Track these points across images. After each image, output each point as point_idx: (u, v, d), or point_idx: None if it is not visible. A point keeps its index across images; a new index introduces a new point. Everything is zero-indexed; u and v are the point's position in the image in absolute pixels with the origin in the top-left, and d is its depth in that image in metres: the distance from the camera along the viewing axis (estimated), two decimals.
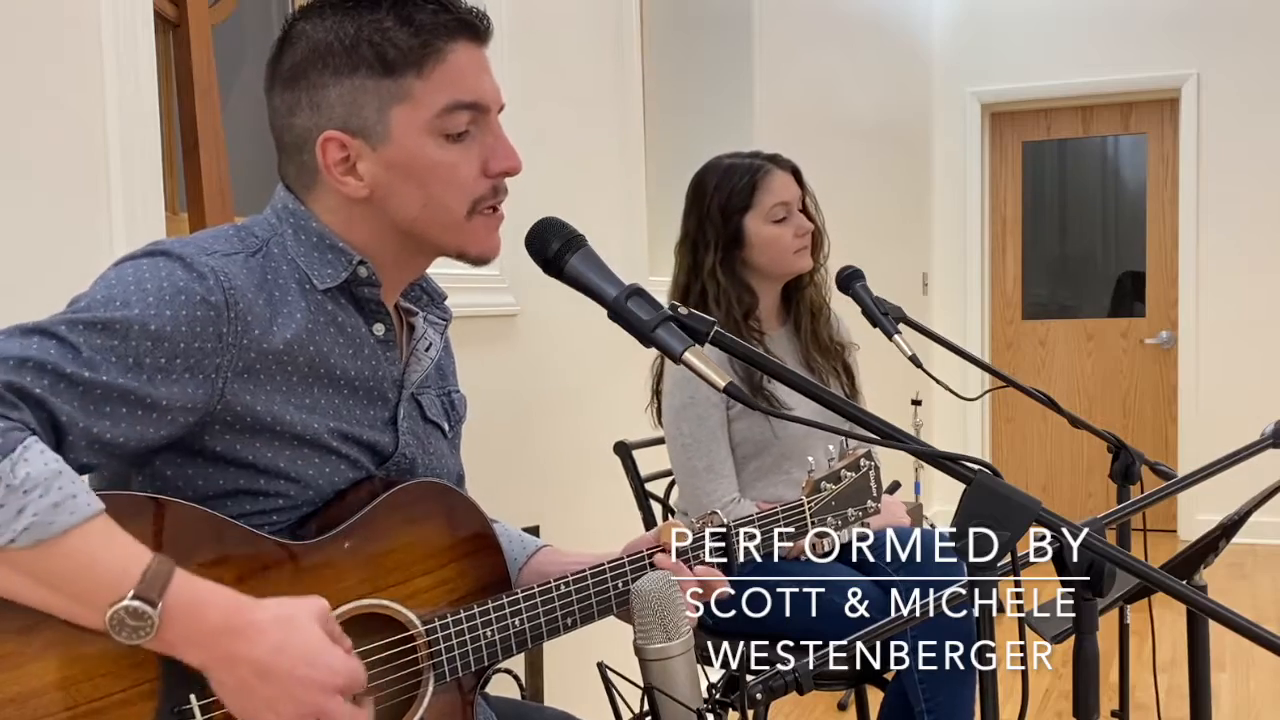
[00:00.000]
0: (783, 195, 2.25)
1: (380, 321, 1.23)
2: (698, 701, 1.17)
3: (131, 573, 0.97)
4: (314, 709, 1.03)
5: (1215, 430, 5.51)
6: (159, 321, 1.05)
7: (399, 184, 1.19)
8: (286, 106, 1.20)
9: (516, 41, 2.52)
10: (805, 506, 1.52)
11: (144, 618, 0.96)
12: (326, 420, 1.17)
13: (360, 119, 1.17)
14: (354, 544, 1.16)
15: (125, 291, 1.06)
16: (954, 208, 6.02)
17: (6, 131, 1.51)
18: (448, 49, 1.18)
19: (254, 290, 1.13)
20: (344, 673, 1.05)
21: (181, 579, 0.99)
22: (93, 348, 1.02)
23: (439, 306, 1.36)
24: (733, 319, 2.23)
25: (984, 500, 0.99)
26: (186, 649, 1.01)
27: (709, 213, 2.26)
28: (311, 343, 1.16)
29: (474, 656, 1.20)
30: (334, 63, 1.17)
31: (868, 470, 1.56)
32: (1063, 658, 1.27)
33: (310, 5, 1.21)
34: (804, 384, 1.14)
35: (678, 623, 1.18)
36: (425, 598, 1.19)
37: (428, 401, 1.33)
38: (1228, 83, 5.50)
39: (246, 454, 1.13)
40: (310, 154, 1.19)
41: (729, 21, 3.79)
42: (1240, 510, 1.56)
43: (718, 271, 2.24)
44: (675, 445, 2.21)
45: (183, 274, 1.08)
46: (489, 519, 1.30)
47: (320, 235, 1.20)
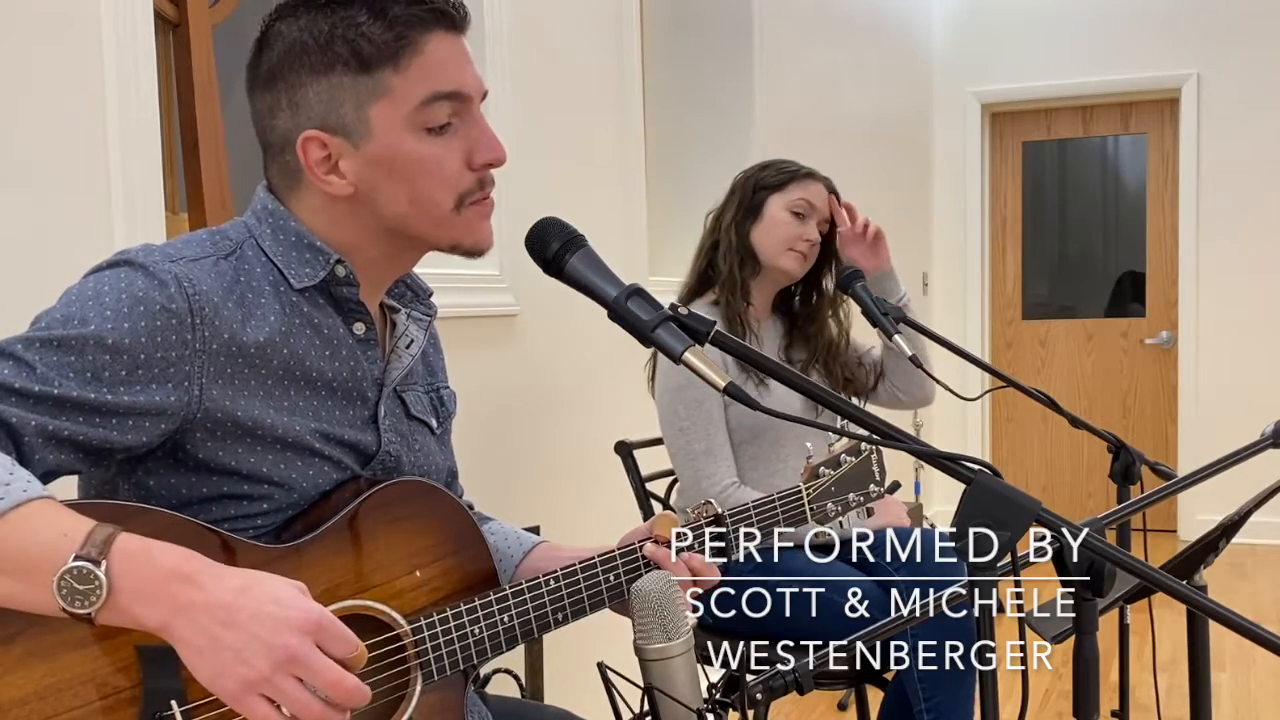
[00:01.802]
0: (812, 198, 2.34)
1: (360, 321, 1.22)
2: (698, 701, 1.17)
3: (73, 538, 0.94)
4: (286, 652, 0.94)
5: (1215, 430, 5.51)
6: (116, 335, 1.04)
7: (383, 181, 1.17)
8: (266, 108, 1.19)
9: (516, 41, 2.52)
10: (804, 493, 1.50)
11: (90, 579, 0.92)
12: (308, 422, 1.16)
13: (339, 117, 1.16)
14: (337, 545, 1.15)
15: (83, 308, 1.05)
16: (954, 208, 6.02)
17: (6, 131, 1.51)
18: (424, 40, 1.16)
19: (222, 293, 1.12)
20: (317, 613, 0.97)
21: (127, 537, 0.95)
22: (48, 365, 1.02)
23: (423, 302, 1.34)
24: (733, 279, 2.30)
25: (984, 500, 0.99)
26: (142, 608, 0.94)
27: (746, 182, 2.39)
28: (285, 345, 1.15)
29: (462, 655, 1.19)
30: (310, 61, 1.16)
31: (869, 455, 1.54)
32: (1063, 658, 1.27)
33: (285, 4, 1.19)
34: (805, 384, 1.14)
35: (678, 623, 1.18)
36: (411, 597, 1.18)
37: (413, 398, 1.32)
38: (1228, 83, 5.50)
39: (229, 460, 1.12)
40: (292, 155, 1.18)
41: (729, 21, 3.78)
42: (1240, 510, 1.56)
43: (732, 230, 2.33)
44: (672, 429, 2.22)
45: (143, 283, 1.07)
46: (474, 516, 1.29)
47: (298, 235, 1.19)
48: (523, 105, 2.54)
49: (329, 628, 0.98)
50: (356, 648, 0.99)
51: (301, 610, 0.96)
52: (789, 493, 1.49)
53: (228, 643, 0.94)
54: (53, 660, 0.98)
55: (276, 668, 0.95)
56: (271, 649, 0.94)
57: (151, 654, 1.01)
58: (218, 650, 0.94)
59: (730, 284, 2.30)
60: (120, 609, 0.94)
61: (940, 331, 2.29)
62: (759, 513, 1.45)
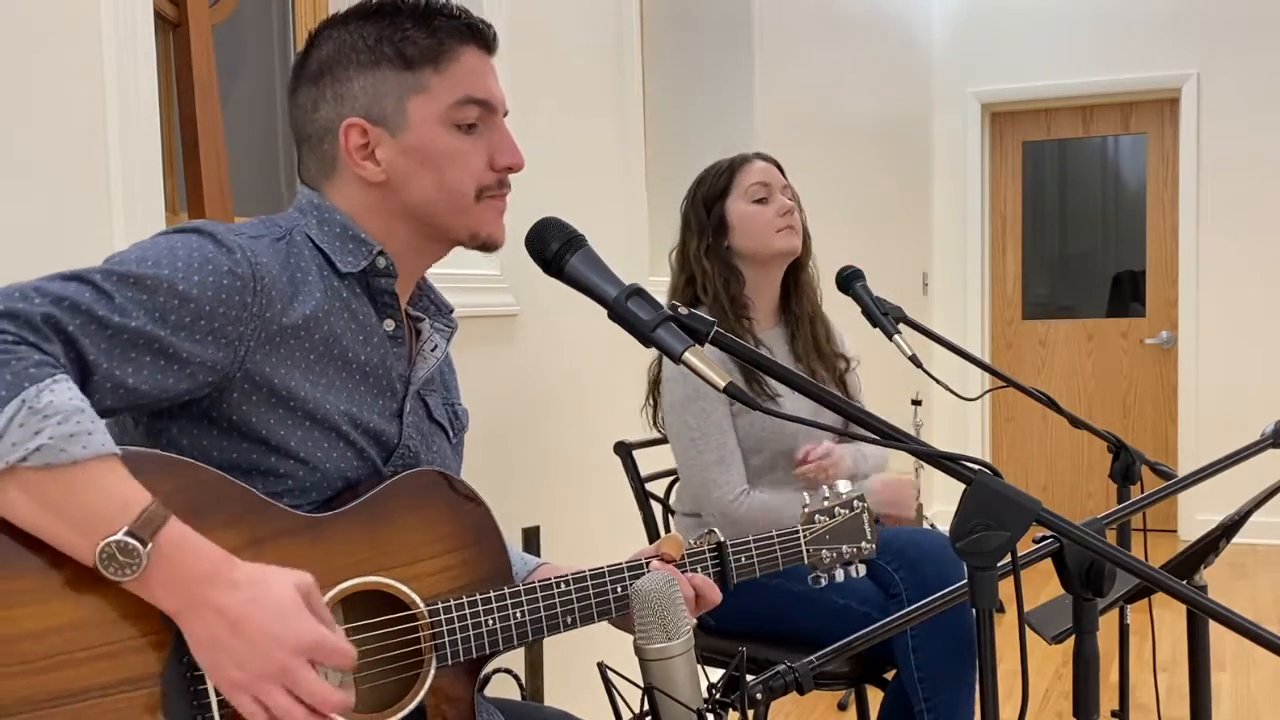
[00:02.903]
0: (760, 177, 2.30)
1: (391, 317, 1.29)
2: (698, 701, 1.17)
3: (130, 510, 1.01)
4: (279, 667, 1.03)
5: (1215, 430, 5.52)
6: (187, 284, 1.11)
7: (415, 169, 1.28)
8: (311, 101, 1.30)
9: (516, 42, 2.52)
10: (800, 535, 1.53)
11: (133, 555, 1.00)
12: (338, 402, 1.22)
13: (381, 108, 1.27)
14: (361, 522, 1.20)
15: (158, 254, 1.13)
16: (954, 208, 6.03)
17: (6, 131, 1.51)
18: (461, 50, 1.29)
19: (278, 268, 1.19)
20: (312, 636, 1.05)
21: (175, 525, 1.03)
22: (124, 297, 1.08)
23: (445, 317, 1.42)
24: (720, 305, 2.25)
25: (984, 500, 0.99)
26: (165, 594, 1.03)
27: (694, 205, 2.33)
28: (326, 322, 1.22)
29: (475, 643, 1.23)
30: (358, 58, 1.27)
31: (861, 511, 1.57)
32: (1063, 658, 1.27)
33: (336, 15, 1.32)
34: (805, 384, 1.14)
35: (678, 623, 1.18)
36: (429, 581, 1.23)
37: (433, 403, 1.38)
38: (1228, 83, 5.51)
39: (260, 427, 1.17)
40: (332, 143, 1.28)
41: (729, 21, 3.79)
42: (1240, 510, 1.56)
43: (704, 258, 2.28)
44: (682, 440, 2.20)
45: (212, 248, 1.15)
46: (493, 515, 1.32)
47: (343, 226, 1.28)
48: (523, 105, 2.54)
49: (324, 644, 1.06)
50: (353, 661, 1.09)
51: (297, 633, 1.05)
52: (787, 533, 1.52)
53: (230, 648, 1.03)
54: (91, 592, 1.03)
55: (268, 678, 1.04)
56: (268, 662, 1.03)
57: None
58: (220, 651, 1.04)
59: (720, 309, 2.24)
60: (145, 585, 1.02)
61: (940, 331, 2.29)
62: (759, 550, 1.49)
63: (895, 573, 2.11)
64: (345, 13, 1.31)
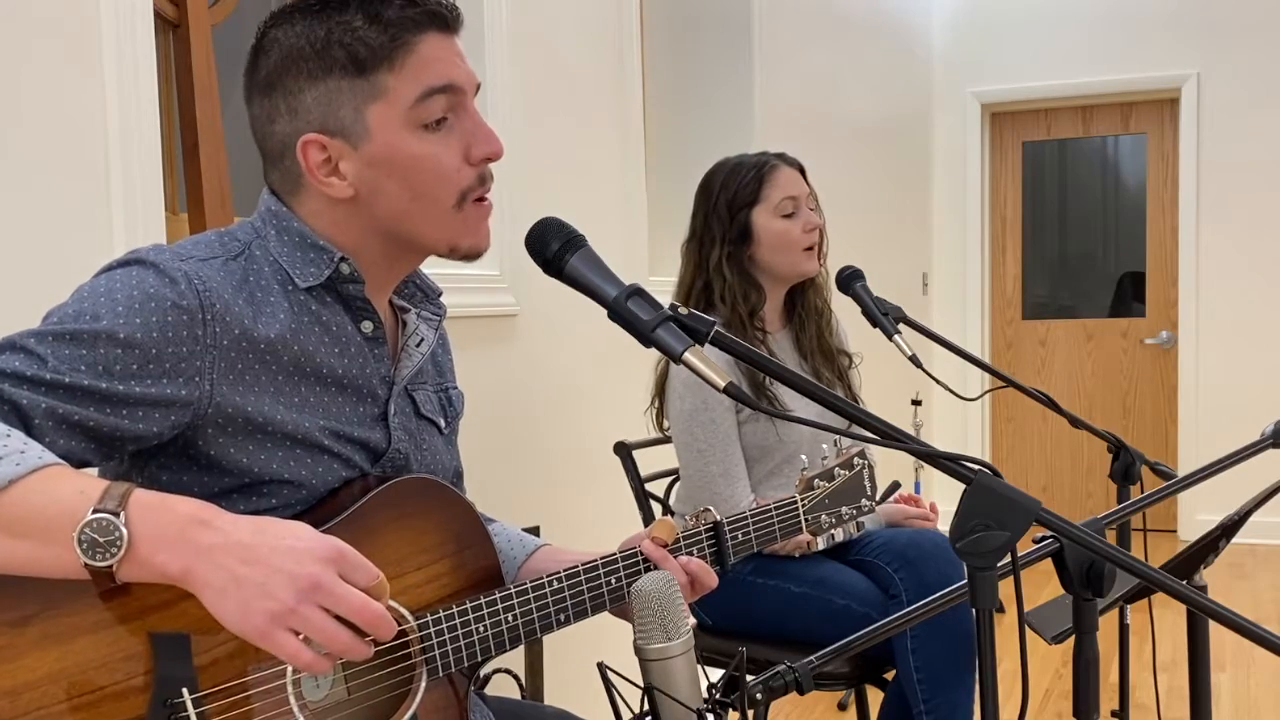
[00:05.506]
0: (790, 190, 2.26)
1: (368, 319, 1.24)
2: (698, 701, 1.16)
3: (89, 495, 0.95)
4: (310, 582, 0.96)
5: (1215, 430, 5.52)
6: (128, 330, 1.06)
7: (383, 181, 1.19)
8: (265, 114, 1.21)
9: (516, 42, 2.52)
10: (799, 504, 1.52)
11: (111, 530, 0.94)
12: (317, 419, 1.18)
13: (338, 120, 1.18)
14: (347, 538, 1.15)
15: (95, 304, 1.07)
16: (954, 208, 6.03)
17: (6, 131, 1.51)
18: (417, 40, 1.18)
19: (232, 291, 1.13)
20: (334, 544, 0.99)
21: (143, 490, 0.97)
22: (59, 357, 1.03)
23: (433, 302, 1.36)
24: (738, 315, 2.23)
25: (984, 500, 0.98)
26: (164, 555, 0.96)
27: (716, 208, 2.26)
28: (295, 341, 1.17)
29: (467, 652, 1.20)
30: (307, 67, 1.18)
31: (861, 469, 1.56)
32: (1063, 658, 1.27)
33: (280, 11, 1.21)
34: (805, 384, 1.14)
35: (678, 623, 1.18)
36: (417, 593, 1.19)
37: (422, 398, 1.34)
38: (1228, 83, 5.51)
39: (240, 457, 1.13)
40: (292, 159, 1.20)
41: (729, 21, 3.79)
42: (1240, 510, 1.56)
43: (724, 266, 2.24)
44: (689, 452, 2.20)
45: (154, 280, 1.09)
46: (482, 516, 1.30)
47: (302, 235, 1.20)
48: (523, 105, 2.54)
49: (349, 556, 0.99)
50: (377, 576, 1.01)
51: (320, 541, 0.99)
52: (785, 503, 1.50)
53: (251, 579, 0.95)
54: (67, 644, 0.99)
55: (301, 597, 0.96)
56: (295, 578, 0.96)
57: (165, 640, 1.02)
58: (241, 588, 0.96)
59: (738, 320, 2.21)
60: (141, 559, 0.96)
61: (940, 331, 2.29)
62: (756, 523, 1.46)
63: (895, 573, 2.11)
64: (290, 8, 1.20)
